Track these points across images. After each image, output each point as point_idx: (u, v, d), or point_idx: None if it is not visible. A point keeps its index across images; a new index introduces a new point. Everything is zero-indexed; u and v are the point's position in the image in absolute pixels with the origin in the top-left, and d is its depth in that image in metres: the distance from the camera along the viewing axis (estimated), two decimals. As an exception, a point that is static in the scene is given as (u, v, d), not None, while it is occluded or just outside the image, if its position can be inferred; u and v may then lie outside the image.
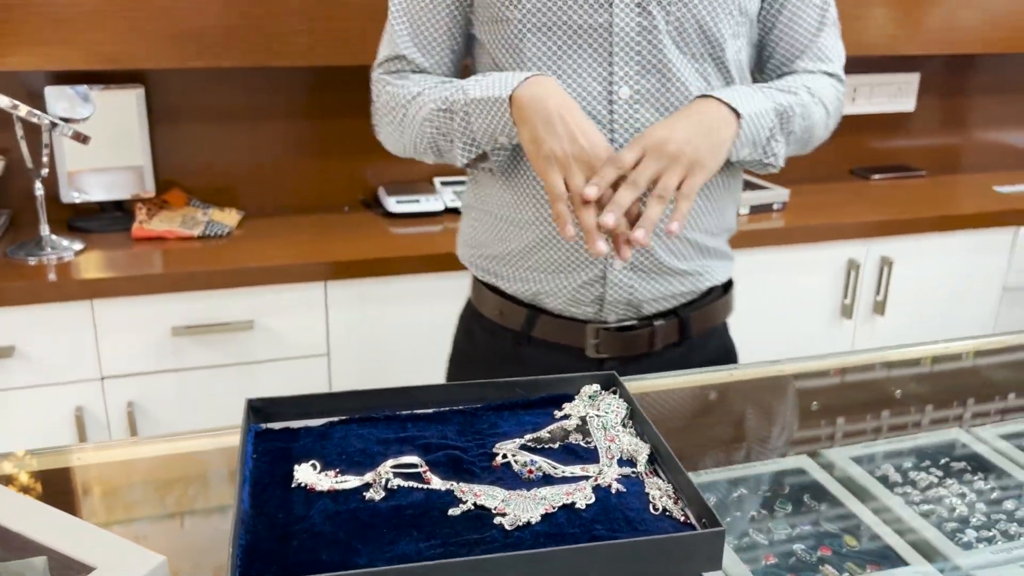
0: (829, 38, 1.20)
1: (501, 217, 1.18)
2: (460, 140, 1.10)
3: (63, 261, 1.82)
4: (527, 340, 1.21)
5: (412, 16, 1.15)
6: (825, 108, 1.19)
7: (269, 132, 2.18)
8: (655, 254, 1.15)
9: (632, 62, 1.09)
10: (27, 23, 1.78)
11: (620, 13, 1.07)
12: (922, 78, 2.64)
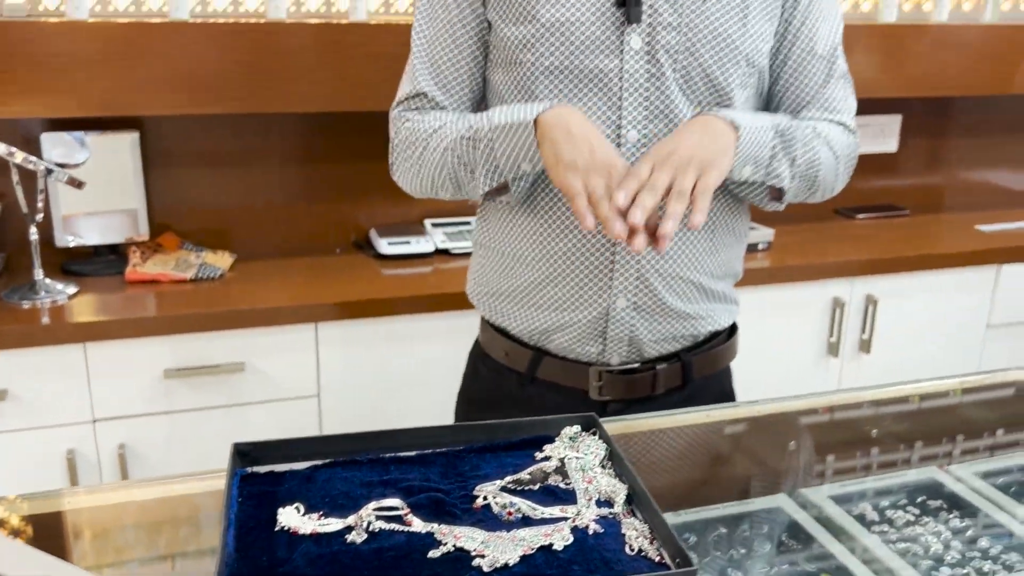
0: (837, 90, 1.22)
1: (508, 254, 1.22)
2: (483, 167, 1.12)
3: (57, 304, 1.85)
4: (532, 381, 1.24)
5: (434, 55, 1.19)
6: (831, 150, 1.19)
7: (262, 176, 2.21)
8: (658, 294, 1.18)
9: (640, 108, 1.12)
10: (25, 71, 1.82)
11: (630, 60, 1.11)
12: (904, 119, 2.70)
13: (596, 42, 1.10)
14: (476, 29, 1.17)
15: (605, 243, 1.15)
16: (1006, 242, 2.44)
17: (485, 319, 1.29)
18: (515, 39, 1.12)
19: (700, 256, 1.20)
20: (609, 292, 1.17)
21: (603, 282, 1.16)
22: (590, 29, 1.10)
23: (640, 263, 1.16)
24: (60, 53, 1.83)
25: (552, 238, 1.17)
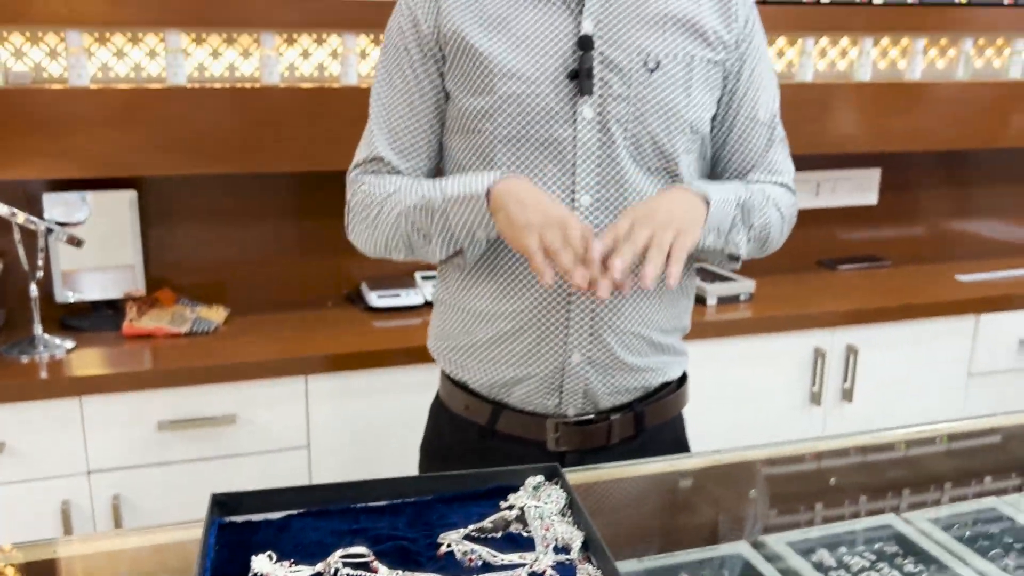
0: (778, 154, 1.30)
1: (468, 311, 1.27)
2: (438, 236, 1.18)
3: (55, 359, 1.90)
4: (492, 434, 1.28)
5: (391, 122, 1.25)
6: (779, 212, 1.28)
7: (256, 232, 2.28)
8: (611, 349, 1.23)
9: (593, 174, 1.19)
10: (29, 136, 1.90)
11: (583, 129, 1.18)
12: (883, 173, 2.77)
13: (551, 113, 1.17)
14: (433, 99, 1.24)
15: (560, 300, 1.21)
16: (984, 292, 2.49)
17: (445, 373, 1.34)
18: (474, 110, 1.19)
19: (650, 312, 1.25)
20: (564, 347, 1.22)
21: (559, 338, 1.22)
22: (545, 100, 1.16)
23: (594, 320, 1.22)
24: (63, 117, 1.91)
25: (509, 296, 1.23)
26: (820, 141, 2.46)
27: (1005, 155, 2.85)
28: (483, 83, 1.18)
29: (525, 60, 1.16)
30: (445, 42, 1.20)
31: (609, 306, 1.21)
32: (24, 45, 2.02)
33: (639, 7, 1.18)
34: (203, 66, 2.13)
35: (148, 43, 2.08)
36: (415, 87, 1.23)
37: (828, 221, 2.78)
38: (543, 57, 1.16)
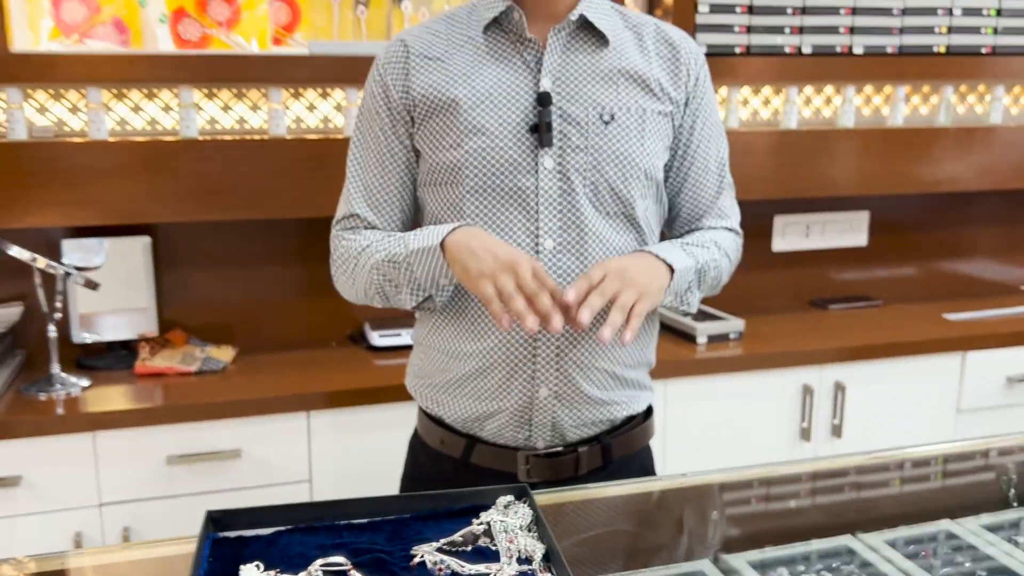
0: (726, 200, 1.42)
1: (443, 350, 1.36)
2: (407, 286, 1.28)
3: (71, 396, 2.00)
4: (466, 466, 1.36)
5: (366, 181, 1.36)
6: (729, 259, 1.41)
7: (264, 275, 2.39)
8: (576, 383, 1.31)
9: (555, 219, 1.28)
10: (50, 185, 2.02)
11: (544, 179, 1.28)
12: (872, 215, 2.85)
13: (515, 164, 1.27)
14: (404, 158, 1.34)
15: (526, 339, 1.29)
16: (971, 330, 2.56)
17: (422, 409, 1.43)
18: (444, 164, 1.29)
19: (614, 348, 1.34)
20: (532, 383, 1.30)
21: (526, 374, 1.30)
22: (509, 153, 1.26)
23: (559, 356, 1.30)
24: (82, 168, 2.03)
25: (477, 336, 1.31)
26: (808, 185, 2.55)
27: (991, 197, 2.93)
28: (451, 139, 1.28)
29: (489, 116, 1.26)
30: (414, 105, 1.30)
31: (574, 343, 1.30)
32: (48, 101, 2.15)
33: (594, 64, 1.28)
34: (214, 119, 2.26)
35: (163, 98, 2.21)
36: (386, 148, 1.34)
37: (820, 262, 2.86)
38: (506, 113, 1.27)
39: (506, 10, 1.28)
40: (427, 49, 1.31)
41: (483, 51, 1.29)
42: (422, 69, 1.30)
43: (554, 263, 1.29)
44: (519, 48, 1.29)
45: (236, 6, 2.20)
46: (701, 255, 1.34)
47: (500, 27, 1.30)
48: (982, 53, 2.62)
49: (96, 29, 2.14)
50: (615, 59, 1.30)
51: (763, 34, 2.43)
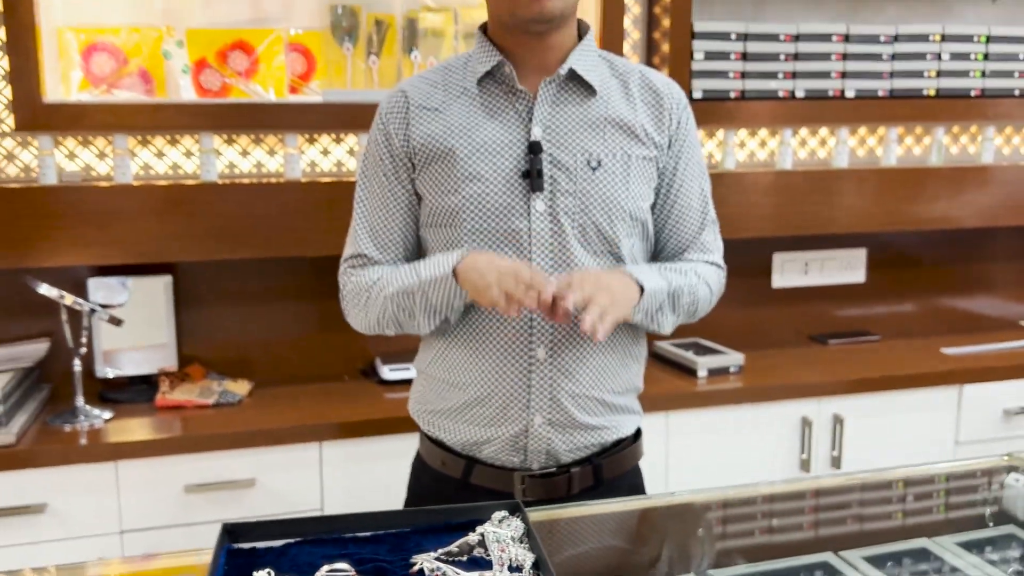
0: (709, 235, 1.50)
1: (443, 380, 1.44)
2: (422, 313, 1.37)
3: (94, 428, 2.09)
4: (465, 487, 1.44)
5: (372, 222, 1.45)
6: (709, 288, 1.48)
7: (279, 312, 2.49)
8: (568, 411, 1.40)
9: (547, 258, 1.38)
10: (78, 226, 2.13)
11: (536, 221, 1.37)
12: (869, 252, 2.93)
13: (509, 208, 1.37)
14: (406, 201, 1.44)
15: (522, 370, 1.38)
16: (968, 364, 2.62)
17: (424, 433, 1.52)
18: (443, 208, 1.39)
19: (603, 377, 1.42)
20: (527, 411, 1.39)
21: (521, 403, 1.39)
22: (503, 198, 1.36)
23: (552, 387, 1.39)
24: (108, 211, 2.14)
25: (476, 367, 1.40)
26: (805, 223, 2.63)
27: (988, 233, 2.99)
28: (449, 185, 1.38)
29: (484, 164, 1.36)
30: (415, 152, 1.40)
31: (566, 374, 1.39)
32: (76, 148, 2.27)
33: (582, 114, 1.38)
34: (233, 163, 2.37)
35: (185, 144, 2.33)
36: (389, 192, 1.43)
37: (819, 298, 2.93)
38: (500, 161, 1.36)
39: (498, 63, 1.38)
40: (425, 100, 1.41)
41: (477, 103, 1.39)
42: (421, 120, 1.40)
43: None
44: (511, 99, 1.39)
45: (255, 57, 2.33)
46: (676, 280, 1.42)
47: (493, 79, 1.40)
48: (971, 96, 2.71)
49: (123, 80, 2.27)
50: (602, 108, 1.40)
51: (757, 79, 2.53)
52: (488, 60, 1.39)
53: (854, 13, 2.73)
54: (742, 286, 2.83)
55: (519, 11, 1.32)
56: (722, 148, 2.59)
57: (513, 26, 1.35)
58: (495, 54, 1.38)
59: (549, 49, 1.38)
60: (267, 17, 2.37)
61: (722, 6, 2.62)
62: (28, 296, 2.12)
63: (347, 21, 2.38)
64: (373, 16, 2.39)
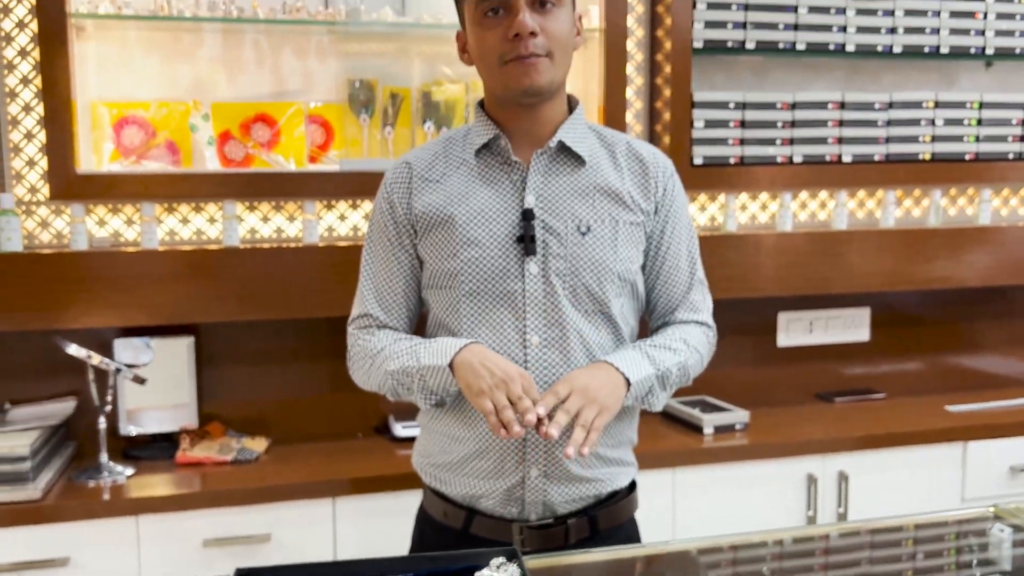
0: (698, 294, 1.58)
1: (445, 434, 1.52)
2: (420, 393, 1.46)
3: (116, 483, 2.17)
4: (466, 537, 1.50)
5: (377, 285, 1.55)
6: (699, 354, 1.56)
7: (296, 371, 2.57)
8: (563, 464, 1.46)
9: (540, 318, 1.46)
10: (106, 290, 2.24)
11: (530, 283, 1.46)
12: (872, 311, 2.98)
13: (504, 271, 1.46)
14: (408, 265, 1.53)
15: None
16: (972, 421, 2.65)
17: (427, 485, 1.59)
18: (443, 271, 1.48)
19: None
20: (523, 465, 1.46)
21: (518, 457, 1.46)
22: (499, 262, 1.45)
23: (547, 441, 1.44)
24: (135, 275, 2.25)
25: (475, 422, 1.48)
26: (808, 284, 2.70)
27: (990, 292, 3.04)
28: (449, 250, 1.47)
29: (481, 230, 1.46)
30: (416, 220, 1.50)
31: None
32: (106, 215, 2.40)
33: (572, 182, 1.48)
34: (254, 229, 2.49)
35: (209, 211, 2.45)
36: (393, 257, 1.53)
37: (824, 357, 2.98)
38: (496, 227, 1.46)
39: (495, 136, 1.49)
40: (427, 171, 1.52)
41: (475, 173, 1.49)
42: (423, 190, 1.51)
43: (540, 357, 1.46)
44: (506, 170, 1.49)
45: (276, 128, 2.46)
46: (665, 360, 1.48)
47: (490, 151, 1.51)
48: (966, 159, 2.80)
49: (152, 151, 2.40)
50: (591, 176, 1.50)
51: (756, 146, 2.63)
52: (485, 133, 1.49)
53: (849, 81, 2.84)
54: (748, 345, 2.89)
55: (510, 85, 1.43)
56: (724, 211, 2.68)
57: (506, 100, 1.46)
58: (492, 128, 1.49)
59: (540, 122, 1.48)
60: (288, 91, 2.51)
61: (721, 76, 2.73)
62: (56, 356, 2.22)
63: (364, 94, 2.51)
64: (389, 89, 2.53)
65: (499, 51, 1.42)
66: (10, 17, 2.24)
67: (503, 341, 1.46)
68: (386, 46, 2.58)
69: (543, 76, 1.42)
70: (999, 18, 2.76)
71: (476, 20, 1.45)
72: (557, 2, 1.44)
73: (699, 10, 2.55)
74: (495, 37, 1.42)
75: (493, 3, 1.42)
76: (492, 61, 1.44)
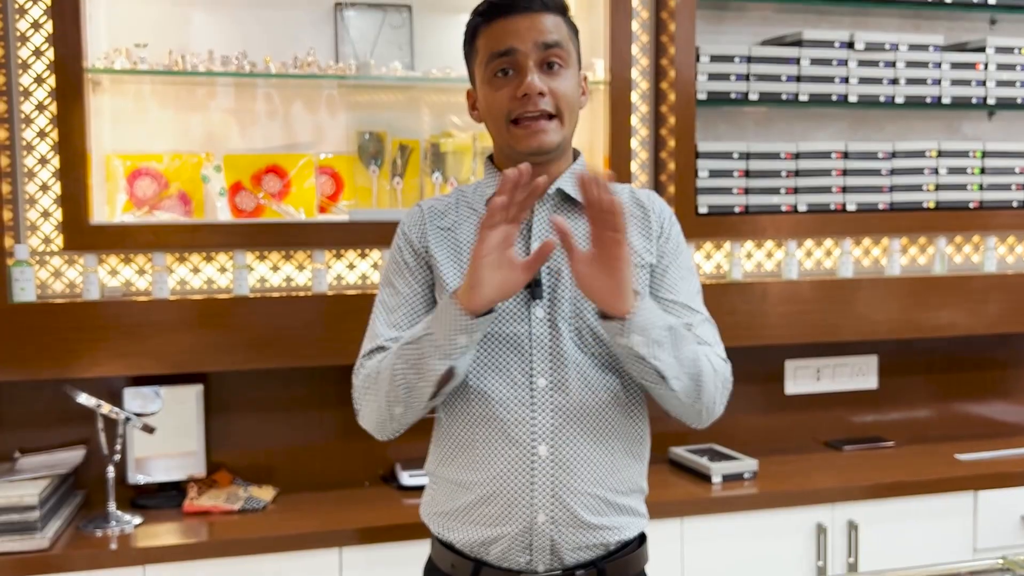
0: (704, 329, 1.55)
1: (452, 480, 1.53)
2: (432, 358, 1.39)
3: (124, 533, 2.17)
4: None
5: (391, 315, 1.55)
6: (710, 361, 1.49)
7: (303, 420, 2.58)
8: (571, 508, 1.46)
9: (546, 360, 1.48)
10: (117, 339, 2.26)
11: (536, 326, 1.49)
12: (880, 359, 2.98)
13: (511, 314, 1.48)
14: (422, 294, 1.55)
15: (525, 469, 1.46)
16: (983, 470, 2.64)
17: (435, 536, 1.58)
18: None
19: (604, 475, 1.49)
20: (531, 509, 1.46)
21: (525, 501, 1.46)
22: (505, 305, 1.47)
23: (555, 484, 1.46)
24: (145, 324, 2.28)
25: (480, 467, 1.48)
26: (814, 331, 2.71)
27: (998, 340, 3.04)
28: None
29: None
30: (431, 257, 1.54)
31: (567, 470, 1.46)
32: (119, 265, 2.43)
33: (575, 228, 1.50)
34: (264, 278, 2.51)
35: (219, 260, 2.48)
36: (407, 285, 1.55)
37: (832, 405, 2.97)
38: None
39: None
40: (439, 220, 1.57)
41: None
42: (436, 237, 1.55)
43: (547, 400, 1.47)
44: None
45: (287, 180, 2.50)
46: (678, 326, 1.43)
47: None
48: (970, 208, 2.82)
49: (164, 202, 2.44)
50: None
51: (760, 195, 2.66)
52: (494, 184, 1.53)
53: (852, 131, 2.87)
54: (755, 392, 2.89)
55: (519, 145, 1.49)
56: (729, 259, 2.70)
57: (515, 158, 1.50)
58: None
59: (547, 176, 1.50)
60: (299, 143, 2.55)
61: (725, 126, 2.77)
62: (66, 405, 2.24)
63: (374, 146, 2.55)
64: (398, 141, 2.57)
65: (508, 109, 1.47)
66: (28, 72, 2.29)
67: (510, 384, 1.47)
68: (395, 98, 2.63)
69: (551, 137, 1.48)
70: (1000, 68, 2.80)
71: (486, 80, 1.50)
72: (564, 64, 1.49)
73: (702, 63, 2.60)
74: (504, 97, 1.47)
75: (503, 64, 1.47)
76: (501, 120, 1.49)
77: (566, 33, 1.51)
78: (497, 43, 1.48)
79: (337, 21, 2.55)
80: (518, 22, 1.47)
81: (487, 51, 1.50)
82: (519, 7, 1.47)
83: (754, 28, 2.78)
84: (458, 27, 1.64)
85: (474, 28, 1.53)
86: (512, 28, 1.47)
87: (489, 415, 1.48)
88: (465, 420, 1.51)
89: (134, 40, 2.38)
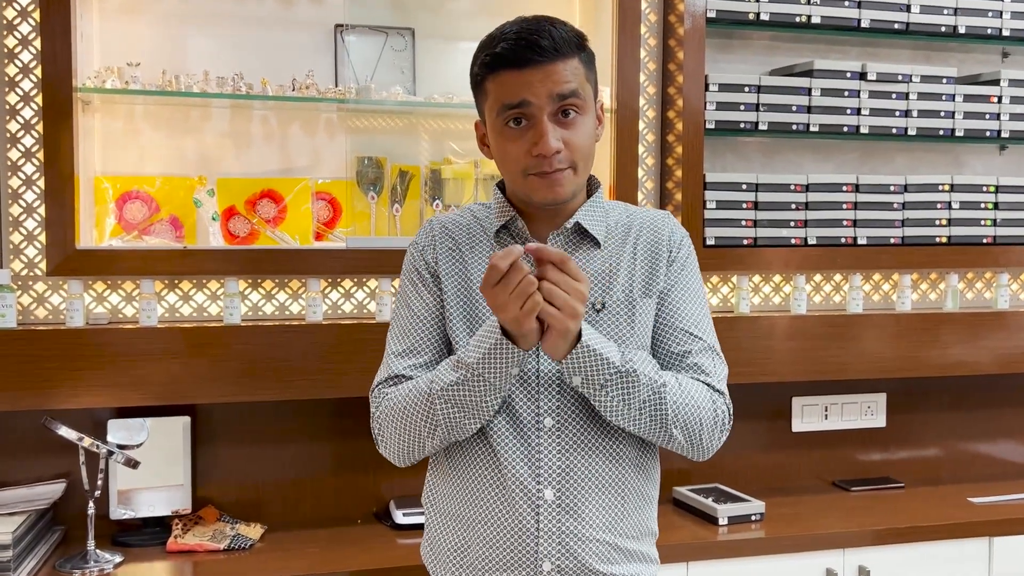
0: (706, 360, 1.46)
1: (448, 514, 1.45)
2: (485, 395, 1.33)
3: (104, 573, 2.06)
4: None
5: (407, 334, 1.48)
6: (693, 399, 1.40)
7: (294, 453, 2.48)
8: (579, 556, 1.38)
9: (554, 400, 1.41)
10: (101, 369, 2.16)
11: (544, 363, 1.42)
12: (888, 397, 2.90)
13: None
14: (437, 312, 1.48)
15: (531, 512, 1.38)
16: (997, 515, 2.55)
17: None
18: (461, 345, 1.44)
19: (613, 520, 1.41)
20: (536, 556, 1.37)
21: (530, 546, 1.37)
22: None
23: (561, 529, 1.37)
24: (132, 353, 2.18)
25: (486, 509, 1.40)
26: (822, 368, 2.63)
27: (1010, 379, 2.96)
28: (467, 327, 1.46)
29: None
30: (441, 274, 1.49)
31: (574, 515, 1.37)
32: (105, 291, 2.34)
33: (587, 263, 1.46)
34: (257, 306, 2.43)
35: (211, 288, 2.39)
36: (421, 304, 1.49)
37: (840, 443, 2.89)
38: None
39: (512, 218, 1.48)
40: (451, 240, 1.51)
41: (495, 251, 1.47)
42: (447, 258, 1.50)
43: (555, 440, 1.40)
44: None
45: (283, 205, 2.42)
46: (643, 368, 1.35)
47: (508, 231, 1.50)
48: (983, 243, 2.75)
49: (155, 226, 2.35)
50: (606, 257, 1.48)
51: (769, 227, 2.59)
52: (504, 215, 1.49)
53: (863, 163, 2.81)
54: (762, 430, 2.80)
55: (534, 197, 1.43)
56: (736, 293, 2.63)
57: (528, 202, 1.46)
58: (509, 210, 1.49)
59: (560, 212, 1.48)
60: (296, 167, 2.47)
61: (732, 156, 2.70)
62: (46, 436, 2.13)
63: (373, 172, 2.47)
64: (398, 167, 2.50)
65: (523, 164, 1.41)
66: (16, 91, 2.21)
67: (515, 423, 1.41)
68: (395, 123, 2.56)
69: (567, 189, 1.42)
70: (1013, 102, 2.75)
71: (498, 128, 1.43)
72: (580, 111, 1.41)
73: (711, 92, 2.54)
74: (518, 150, 1.40)
75: (515, 113, 1.39)
76: (515, 171, 1.43)
77: (583, 75, 1.42)
78: (509, 94, 1.39)
79: (338, 43, 2.48)
80: (531, 75, 1.37)
81: (498, 100, 1.41)
82: (532, 61, 1.37)
83: (762, 57, 2.73)
84: (462, 52, 1.58)
85: (482, 75, 1.44)
86: (525, 80, 1.38)
87: (491, 455, 1.41)
88: (466, 459, 1.43)
89: (127, 59, 2.31)
